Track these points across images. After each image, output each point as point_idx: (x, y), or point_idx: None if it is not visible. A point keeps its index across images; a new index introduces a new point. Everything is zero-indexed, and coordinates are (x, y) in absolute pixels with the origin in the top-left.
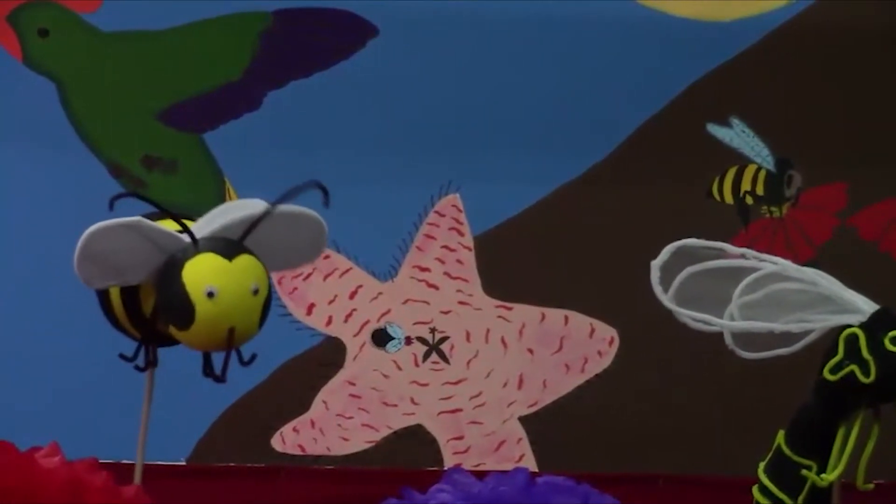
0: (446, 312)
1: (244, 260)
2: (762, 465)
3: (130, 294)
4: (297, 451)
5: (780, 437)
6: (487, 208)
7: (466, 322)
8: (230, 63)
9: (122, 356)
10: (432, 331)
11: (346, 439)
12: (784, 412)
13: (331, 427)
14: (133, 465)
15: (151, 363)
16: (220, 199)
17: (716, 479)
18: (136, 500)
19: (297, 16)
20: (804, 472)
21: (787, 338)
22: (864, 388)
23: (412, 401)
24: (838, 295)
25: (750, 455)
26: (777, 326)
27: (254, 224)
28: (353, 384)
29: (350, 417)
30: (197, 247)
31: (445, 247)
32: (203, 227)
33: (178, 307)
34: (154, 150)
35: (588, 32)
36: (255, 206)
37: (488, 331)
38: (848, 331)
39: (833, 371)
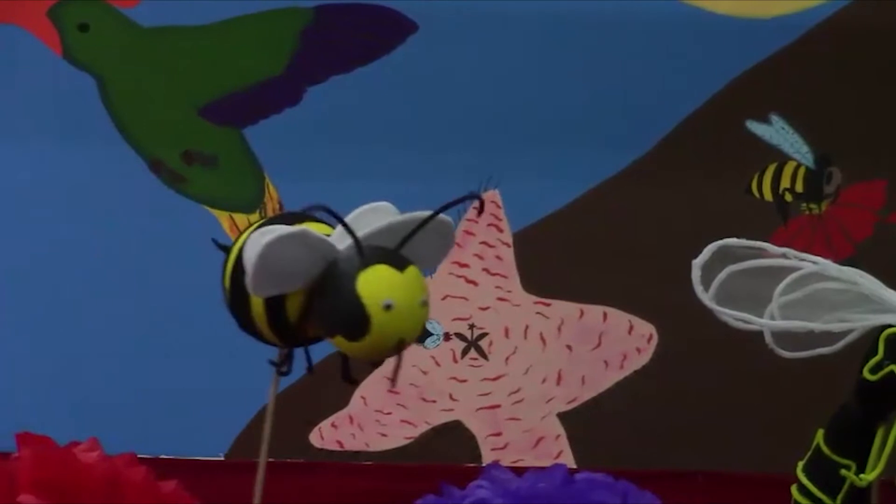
0: (485, 309)
1: (413, 271)
2: (801, 464)
3: (276, 301)
4: (336, 447)
5: (819, 436)
6: (527, 204)
7: (505, 318)
8: (271, 59)
9: (271, 362)
10: (471, 327)
11: (384, 435)
12: (823, 410)
13: (369, 423)
14: (172, 459)
15: (289, 369)
16: (260, 194)
17: (755, 477)
18: (174, 496)
19: (337, 12)
20: (843, 471)
21: (828, 337)
22: None
23: (451, 397)
24: (879, 295)
25: (789, 453)
26: (817, 326)
27: (412, 233)
28: (358, 383)
29: (388, 413)
30: (364, 257)
31: (484, 243)
32: (344, 233)
33: (353, 319)
34: (194, 146)
35: (628, 29)
36: (385, 209)
37: (527, 327)
38: (888, 331)
39: (873, 371)
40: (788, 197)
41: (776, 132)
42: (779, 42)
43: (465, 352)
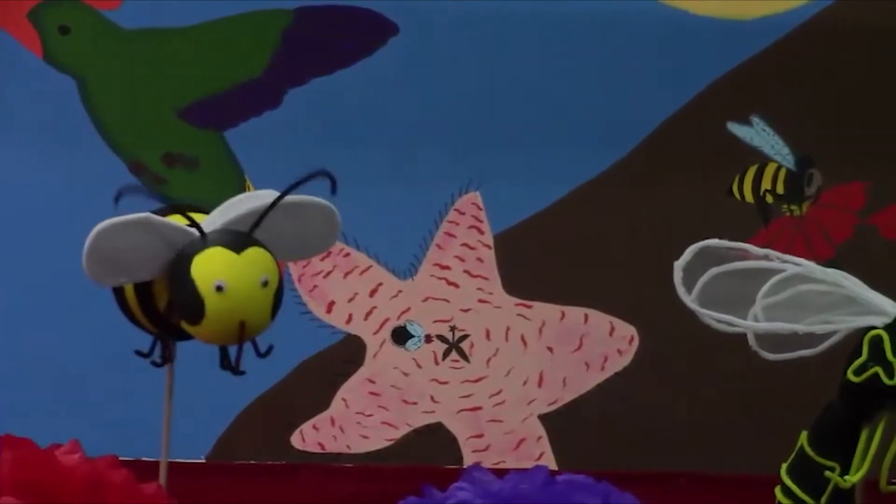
0: (466, 310)
1: (253, 252)
2: (785, 465)
3: (144, 290)
4: (317, 449)
5: (803, 437)
6: (508, 206)
7: (486, 320)
8: (251, 60)
9: (138, 352)
10: (452, 329)
11: (365, 437)
12: (805, 411)
13: (351, 425)
14: (153, 461)
15: (168, 358)
16: None
17: (737, 478)
18: (155, 498)
19: (318, 14)
20: (827, 473)
21: (811, 339)
22: (887, 390)
23: (432, 399)
24: (863, 296)
25: (771, 453)
26: (801, 328)
27: (262, 216)
28: (373, 382)
29: (370, 415)
30: (205, 241)
31: (465, 245)
32: (215, 219)
33: (188, 302)
34: (175, 148)
35: (608, 31)
36: (266, 196)
37: (508, 329)
38: (872, 332)
39: (857, 373)
40: (769, 198)
41: (757, 134)
42: (760, 44)
43: (446, 354)
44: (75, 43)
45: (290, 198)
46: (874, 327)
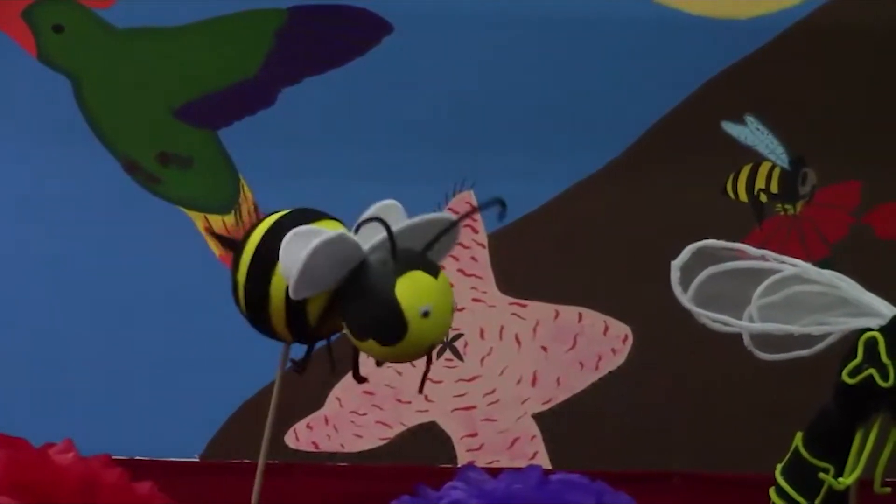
0: (460, 310)
1: (444, 277)
2: (779, 466)
3: (300, 301)
4: (311, 448)
5: (798, 439)
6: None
7: (480, 319)
8: (245, 60)
9: (293, 361)
10: None
11: (359, 436)
12: (799, 411)
13: (344, 424)
14: (147, 460)
15: (305, 366)
16: (235, 195)
17: (731, 477)
18: (150, 497)
19: (311, 13)
20: (821, 475)
21: (806, 340)
22: (882, 393)
23: (426, 398)
24: (858, 298)
25: (765, 453)
26: (796, 329)
27: (437, 237)
28: (367, 381)
29: (364, 414)
30: (398, 261)
31: (459, 244)
32: (365, 235)
33: (390, 325)
34: (169, 147)
35: (603, 30)
36: (395, 209)
37: (502, 328)
38: (867, 334)
39: (852, 374)
40: (763, 197)
41: (751, 133)
42: (754, 43)
43: (440, 353)
44: (69, 42)
45: (437, 215)
46: (869, 329)
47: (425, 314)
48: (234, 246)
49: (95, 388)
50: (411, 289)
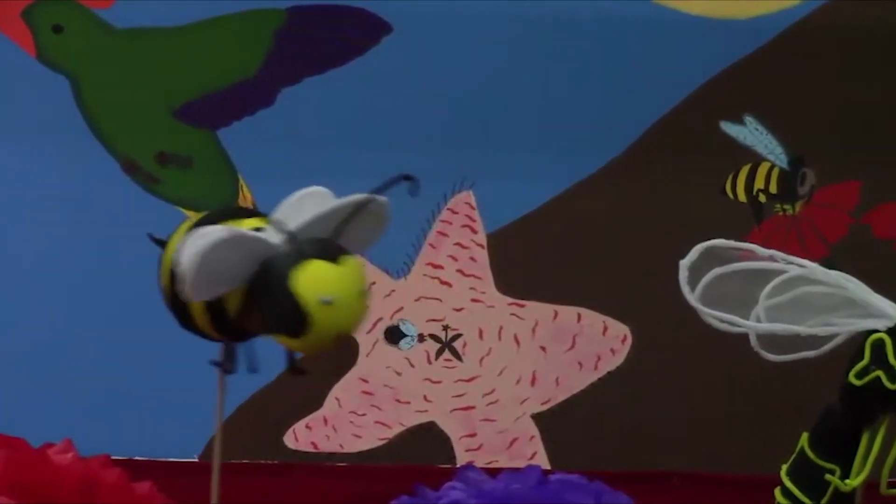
0: (459, 310)
1: (350, 262)
2: (785, 466)
3: (215, 300)
4: (310, 448)
5: (804, 439)
6: (500, 205)
7: (479, 319)
8: (244, 60)
9: (213, 362)
10: (445, 328)
11: (358, 436)
12: (800, 410)
13: (343, 424)
14: (146, 461)
15: (233, 367)
16: (234, 195)
17: (730, 478)
18: (149, 497)
19: (311, 13)
20: (828, 476)
21: (813, 341)
22: (889, 394)
23: (425, 398)
24: (865, 299)
25: (764, 454)
26: (803, 329)
27: (345, 222)
28: (366, 381)
29: (363, 415)
30: (298, 252)
31: (458, 244)
32: (283, 224)
33: (291, 318)
34: (168, 147)
35: (602, 30)
36: (322, 195)
37: (501, 328)
38: (874, 336)
39: (859, 376)
40: (762, 198)
41: (750, 133)
42: (753, 43)
43: (439, 353)
44: (68, 42)
45: (353, 198)
46: (876, 330)
47: (326, 303)
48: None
49: (95, 388)
50: (308, 279)
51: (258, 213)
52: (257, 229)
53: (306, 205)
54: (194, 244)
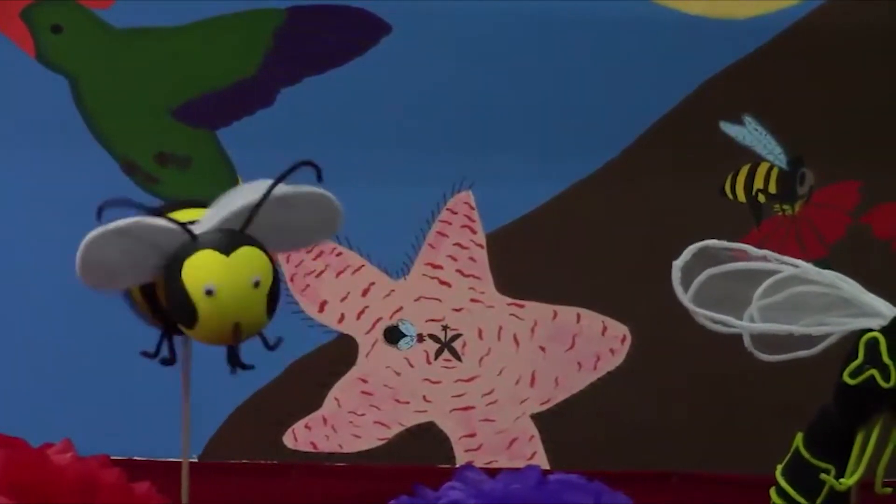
0: (458, 310)
1: (243, 252)
2: (780, 467)
3: (149, 289)
4: (310, 449)
5: (799, 439)
6: (500, 206)
7: (479, 320)
8: (244, 60)
9: (144, 353)
10: (444, 328)
11: (358, 436)
12: (797, 410)
13: (343, 424)
14: (145, 461)
15: (173, 357)
16: None
17: (728, 477)
18: (147, 497)
19: (310, 13)
20: (823, 475)
21: (807, 341)
22: (883, 393)
23: (424, 398)
24: (859, 298)
25: (763, 454)
26: (796, 329)
27: (252, 213)
28: (366, 381)
29: (362, 415)
30: (196, 243)
31: (458, 244)
32: (212, 217)
33: (181, 307)
34: (168, 147)
35: (601, 31)
36: (261, 188)
37: (500, 328)
38: (868, 335)
39: (853, 375)
40: (762, 198)
41: (749, 133)
42: (752, 43)
43: (438, 353)
44: (68, 42)
45: (284, 189)
46: (870, 330)
47: (208, 292)
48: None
49: (94, 388)
50: (194, 269)
51: (204, 205)
52: (191, 222)
53: (238, 197)
54: (87, 236)
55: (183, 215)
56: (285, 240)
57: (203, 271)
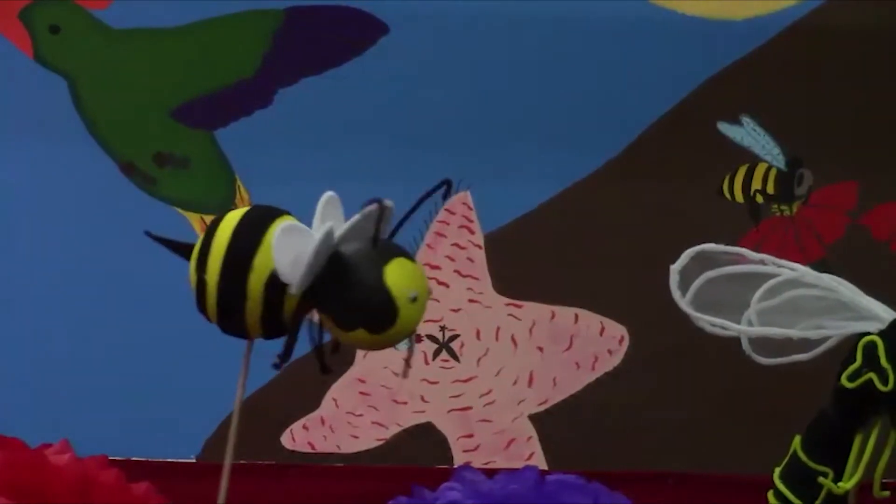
0: (456, 310)
1: (419, 263)
2: (777, 470)
3: (278, 297)
4: (307, 449)
5: (797, 442)
6: (498, 206)
7: (476, 320)
8: (242, 60)
9: (276, 364)
10: (442, 329)
11: (355, 437)
12: (795, 411)
13: (341, 424)
14: (144, 461)
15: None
16: (231, 196)
17: (726, 478)
18: (146, 498)
19: (309, 14)
20: (821, 479)
21: (805, 344)
22: (882, 397)
23: (422, 398)
24: (857, 302)
25: (761, 454)
26: (794, 333)
27: (399, 224)
28: (364, 381)
29: (360, 415)
30: (379, 250)
31: (455, 244)
32: (335, 226)
33: (381, 311)
34: (166, 148)
35: (598, 31)
36: (334, 200)
37: (498, 329)
38: (866, 338)
39: (851, 379)
40: (760, 198)
41: (747, 134)
42: (750, 43)
43: (436, 353)
44: (66, 43)
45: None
46: (868, 333)
47: (413, 299)
48: (187, 249)
49: (92, 388)
50: (399, 275)
51: (285, 213)
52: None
53: (329, 208)
54: (300, 237)
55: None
56: None
57: (408, 278)
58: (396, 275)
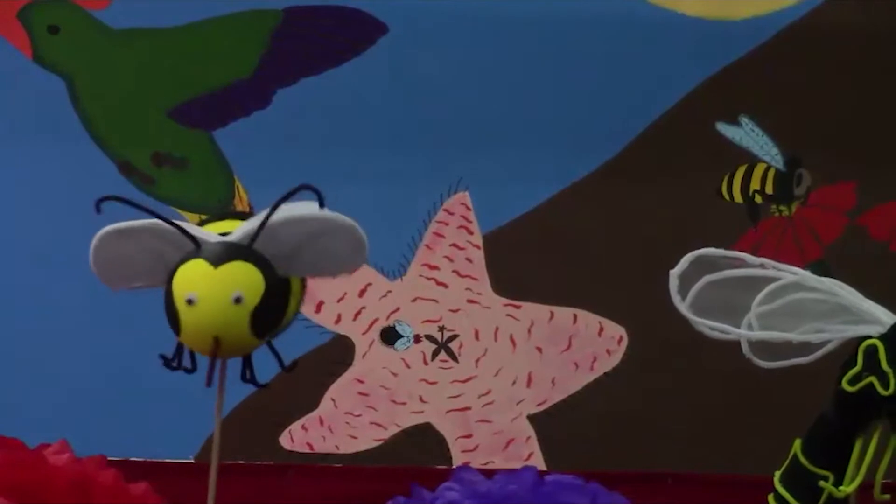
0: (455, 311)
1: (232, 267)
2: (778, 473)
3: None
4: (306, 449)
5: (797, 445)
6: (496, 206)
7: (475, 320)
8: (240, 61)
9: (163, 358)
10: (441, 329)
11: (354, 437)
12: (793, 411)
13: (339, 425)
14: (142, 461)
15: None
16: (230, 196)
17: (724, 478)
18: (144, 498)
19: (307, 14)
20: (821, 482)
21: (805, 347)
22: (882, 400)
23: (421, 399)
24: (857, 305)
25: (759, 454)
26: (794, 336)
27: (259, 229)
28: (362, 382)
29: (358, 415)
30: (196, 251)
31: (454, 245)
32: (240, 229)
33: (169, 313)
34: (164, 148)
35: (597, 31)
36: (304, 208)
37: (497, 329)
38: (867, 342)
39: (851, 382)
40: (758, 199)
41: (746, 134)
42: (749, 44)
43: (435, 354)
44: (64, 43)
45: (310, 212)
46: (869, 337)
47: (188, 302)
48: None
49: (92, 388)
50: (181, 277)
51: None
52: (224, 233)
53: (280, 212)
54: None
55: (226, 225)
56: (312, 265)
57: (187, 280)
58: (179, 277)
